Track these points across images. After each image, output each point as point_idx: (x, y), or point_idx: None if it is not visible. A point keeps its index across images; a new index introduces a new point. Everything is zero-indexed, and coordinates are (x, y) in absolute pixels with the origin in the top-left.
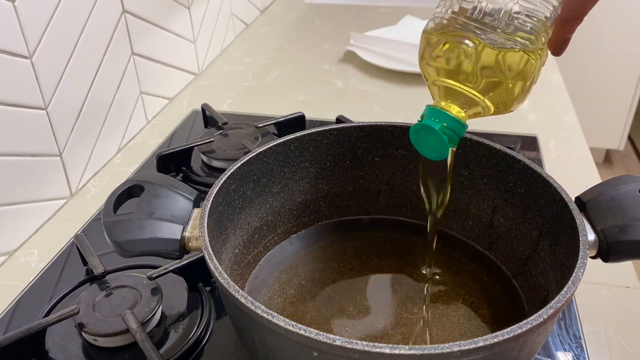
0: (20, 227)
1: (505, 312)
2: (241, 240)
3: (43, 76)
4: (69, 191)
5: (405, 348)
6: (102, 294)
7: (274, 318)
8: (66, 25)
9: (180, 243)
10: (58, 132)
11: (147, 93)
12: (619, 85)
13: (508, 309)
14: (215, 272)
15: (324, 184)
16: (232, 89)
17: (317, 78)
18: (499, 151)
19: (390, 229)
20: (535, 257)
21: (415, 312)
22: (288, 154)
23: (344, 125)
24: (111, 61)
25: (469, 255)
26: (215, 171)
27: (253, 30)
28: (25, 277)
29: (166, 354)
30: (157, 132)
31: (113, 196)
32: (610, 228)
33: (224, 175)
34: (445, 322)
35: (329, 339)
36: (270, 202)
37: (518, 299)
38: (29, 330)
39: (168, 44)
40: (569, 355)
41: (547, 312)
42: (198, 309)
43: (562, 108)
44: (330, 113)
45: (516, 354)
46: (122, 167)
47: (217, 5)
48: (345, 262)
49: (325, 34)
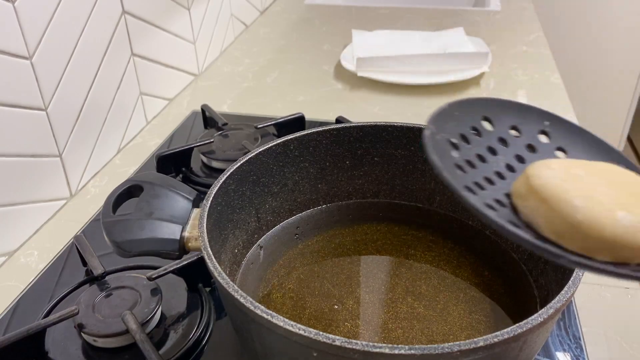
0: (20, 227)
1: (505, 307)
2: (240, 240)
3: (43, 77)
4: (68, 192)
5: (405, 348)
6: (102, 294)
7: (273, 318)
8: (66, 26)
9: (180, 243)
10: (58, 132)
11: (147, 94)
12: (618, 86)
13: (509, 304)
14: (215, 272)
15: (324, 184)
16: (231, 90)
17: (317, 79)
18: None
19: (390, 225)
20: (535, 257)
21: (415, 306)
22: (287, 154)
23: (343, 125)
24: (111, 62)
25: (470, 250)
26: (215, 172)
27: (253, 31)
28: (25, 277)
29: (166, 355)
30: (157, 132)
31: (112, 196)
32: None
33: (223, 175)
34: (446, 316)
35: (328, 339)
36: (270, 202)
37: (518, 295)
38: (29, 331)
39: (168, 45)
40: (569, 355)
41: (547, 312)
42: (198, 310)
43: (562, 108)
44: (330, 114)
45: (516, 354)
46: (122, 168)
47: (217, 6)
48: (345, 256)
49: (325, 34)
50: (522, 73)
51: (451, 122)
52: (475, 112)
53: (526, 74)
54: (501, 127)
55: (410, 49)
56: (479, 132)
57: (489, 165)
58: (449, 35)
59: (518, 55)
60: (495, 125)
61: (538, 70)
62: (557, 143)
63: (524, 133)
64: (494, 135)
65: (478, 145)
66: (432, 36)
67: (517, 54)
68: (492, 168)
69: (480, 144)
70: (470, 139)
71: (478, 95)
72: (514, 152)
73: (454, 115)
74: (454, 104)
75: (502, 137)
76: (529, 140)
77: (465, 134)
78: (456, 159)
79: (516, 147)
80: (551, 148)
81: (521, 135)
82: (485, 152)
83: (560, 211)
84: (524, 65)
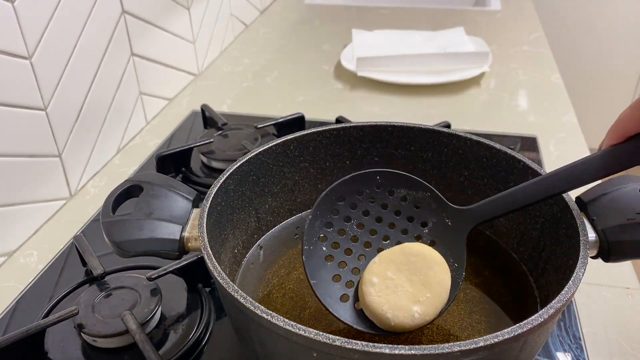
0: (19, 228)
1: (505, 307)
2: (240, 240)
3: (42, 77)
4: (68, 192)
5: (405, 348)
6: (102, 294)
7: (273, 318)
8: (66, 26)
9: (179, 243)
10: (57, 132)
11: (146, 94)
12: (619, 86)
13: (509, 304)
14: (215, 272)
15: (324, 184)
16: (231, 90)
17: (317, 79)
18: (499, 151)
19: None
20: (536, 257)
21: None
22: (287, 154)
23: (343, 125)
24: (110, 62)
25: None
26: (215, 172)
27: (253, 31)
28: (24, 278)
29: (166, 355)
30: (157, 132)
31: (112, 196)
32: (610, 228)
33: (223, 176)
34: (446, 315)
35: (328, 339)
36: (270, 202)
37: (519, 295)
38: (28, 331)
39: (167, 45)
40: (569, 355)
41: (547, 312)
42: (197, 310)
43: (562, 108)
44: (330, 114)
45: (517, 354)
46: (122, 168)
47: (217, 5)
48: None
49: (325, 34)
50: (522, 73)
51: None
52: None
53: (526, 74)
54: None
55: (411, 49)
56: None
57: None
58: (449, 35)
59: (518, 55)
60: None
61: (538, 70)
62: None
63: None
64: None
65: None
66: (432, 36)
67: (517, 53)
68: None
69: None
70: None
71: (478, 95)
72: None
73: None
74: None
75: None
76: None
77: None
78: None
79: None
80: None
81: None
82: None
83: (381, 321)
84: (524, 65)
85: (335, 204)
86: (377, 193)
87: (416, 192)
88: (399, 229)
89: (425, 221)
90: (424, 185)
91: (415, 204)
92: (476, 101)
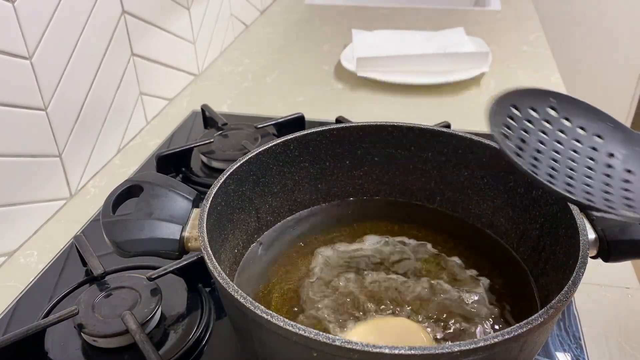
0: (19, 228)
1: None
2: (240, 240)
3: (43, 77)
4: (68, 192)
5: (405, 348)
6: (102, 294)
7: (273, 318)
8: (66, 26)
9: (179, 243)
10: (57, 132)
11: (146, 94)
12: (618, 86)
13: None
14: (215, 272)
15: (324, 183)
16: (231, 90)
17: (317, 79)
18: (499, 151)
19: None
20: (535, 257)
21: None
22: (287, 154)
23: (343, 125)
24: (111, 62)
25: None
26: (215, 172)
27: (253, 31)
28: (24, 278)
29: (166, 355)
30: (157, 132)
31: (112, 196)
32: (610, 227)
33: (223, 175)
34: None
35: (328, 339)
36: (270, 202)
37: (519, 295)
38: (29, 331)
39: (168, 45)
40: (569, 355)
41: (547, 312)
42: (197, 310)
43: None
44: (330, 114)
45: (516, 354)
46: (122, 168)
47: (217, 6)
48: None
49: (325, 34)
50: (522, 73)
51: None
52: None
53: (526, 74)
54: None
55: (410, 49)
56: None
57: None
58: (449, 35)
59: (518, 55)
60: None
61: (538, 70)
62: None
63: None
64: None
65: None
66: (432, 36)
67: (517, 54)
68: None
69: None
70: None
71: (478, 95)
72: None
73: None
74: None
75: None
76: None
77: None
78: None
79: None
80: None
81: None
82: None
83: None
84: (524, 65)
85: (510, 111)
86: (552, 117)
87: (595, 123)
88: (584, 155)
89: (612, 153)
90: (605, 116)
91: (597, 134)
92: (476, 101)
